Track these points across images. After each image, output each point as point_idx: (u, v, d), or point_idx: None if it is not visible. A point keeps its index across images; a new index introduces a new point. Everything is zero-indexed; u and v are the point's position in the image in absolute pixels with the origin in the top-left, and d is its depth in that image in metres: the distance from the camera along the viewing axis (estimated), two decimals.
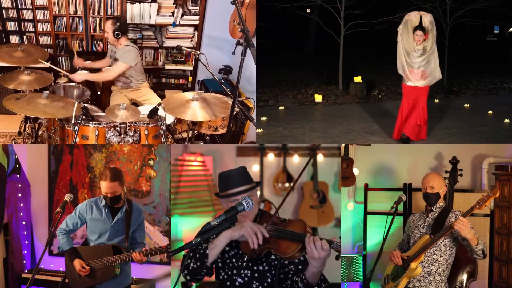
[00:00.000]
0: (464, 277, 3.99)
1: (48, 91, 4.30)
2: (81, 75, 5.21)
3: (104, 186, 3.66)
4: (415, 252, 3.45)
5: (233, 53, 4.09)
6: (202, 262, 2.56)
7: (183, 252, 2.44)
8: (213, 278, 2.76)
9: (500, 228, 4.20)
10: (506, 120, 6.38)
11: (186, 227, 4.92)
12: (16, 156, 4.89)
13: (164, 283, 4.89)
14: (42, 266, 5.11)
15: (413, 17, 5.33)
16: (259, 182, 2.79)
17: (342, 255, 3.82)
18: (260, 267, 2.66)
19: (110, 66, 5.45)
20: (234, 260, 2.69)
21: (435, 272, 3.48)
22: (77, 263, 3.64)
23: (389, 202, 3.80)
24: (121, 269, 3.67)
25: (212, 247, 2.58)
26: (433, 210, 3.60)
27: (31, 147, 5.10)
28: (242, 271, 2.66)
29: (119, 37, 5.11)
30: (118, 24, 5.11)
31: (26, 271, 5.03)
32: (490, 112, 6.78)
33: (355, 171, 4.90)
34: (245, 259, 2.66)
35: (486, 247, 3.35)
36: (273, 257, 2.65)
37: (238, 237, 2.53)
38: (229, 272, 2.68)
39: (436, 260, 3.48)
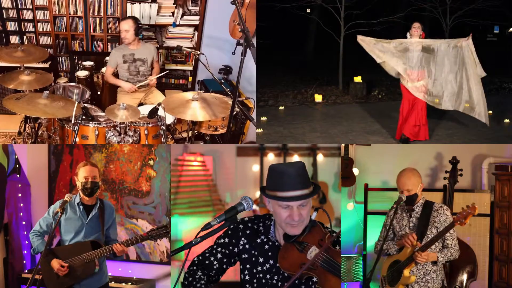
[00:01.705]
0: (464, 277, 3.99)
1: (48, 91, 4.30)
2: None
3: (86, 170, 3.62)
4: (406, 258, 3.44)
5: (233, 53, 4.09)
6: None
7: (183, 253, 2.39)
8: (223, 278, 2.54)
9: (500, 228, 4.20)
10: (506, 120, 6.38)
11: (186, 227, 4.92)
12: (16, 156, 4.89)
13: (164, 283, 4.89)
14: None
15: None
16: (318, 186, 2.30)
17: (342, 255, 3.82)
18: None
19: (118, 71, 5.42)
20: (268, 276, 2.30)
21: (431, 270, 3.46)
22: (55, 263, 3.57)
23: (389, 202, 3.80)
24: (100, 266, 3.63)
25: None
26: (414, 210, 3.55)
27: (31, 147, 5.09)
28: None
29: (141, 35, 5.17)
30: (139, 22, 5.16)
31: (26, 271, 5.03)
32: (490, 112, 6.77)
33: (355, 171, 4.90)
34: (281, 277, 2.26)
35: (452, 256, 3.42)
36: (314, 279, 2.25)
37: None
38: None
39: None
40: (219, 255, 2.44)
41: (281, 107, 7.22)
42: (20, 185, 5.00)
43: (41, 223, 3.72)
